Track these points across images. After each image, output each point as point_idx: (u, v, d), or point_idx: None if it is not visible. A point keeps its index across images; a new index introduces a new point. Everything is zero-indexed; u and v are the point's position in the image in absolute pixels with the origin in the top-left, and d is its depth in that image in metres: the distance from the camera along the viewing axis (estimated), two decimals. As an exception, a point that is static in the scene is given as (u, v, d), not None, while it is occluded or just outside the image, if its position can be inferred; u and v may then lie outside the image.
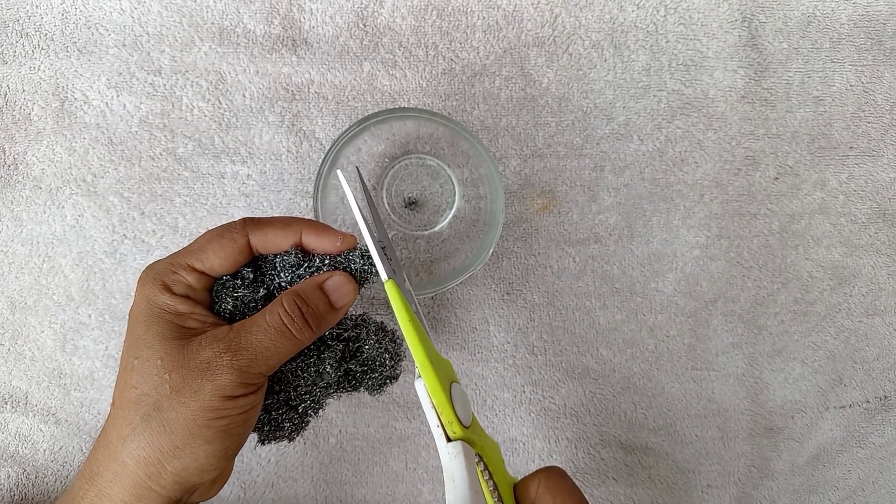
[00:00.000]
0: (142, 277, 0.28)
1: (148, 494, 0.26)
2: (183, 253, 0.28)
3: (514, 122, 0.42)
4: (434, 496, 0.43)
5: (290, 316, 0.27)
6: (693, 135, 0.43)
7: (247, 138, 0.41)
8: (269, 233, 0.29)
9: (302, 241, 0.29)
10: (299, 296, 0.28)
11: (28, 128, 0.41)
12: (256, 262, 0.30)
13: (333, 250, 0.29)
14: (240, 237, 0.28)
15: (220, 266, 0.28)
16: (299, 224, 0.29)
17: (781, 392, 0.44)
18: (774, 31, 0.44)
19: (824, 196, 0.44)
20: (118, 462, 0.26)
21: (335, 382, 0.32)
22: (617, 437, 0.44)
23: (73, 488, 0.27)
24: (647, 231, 0.43)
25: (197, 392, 0.25)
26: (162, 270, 0.28)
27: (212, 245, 0.28)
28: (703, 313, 0.44)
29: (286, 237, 0.29)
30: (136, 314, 0.28)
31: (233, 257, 0.28)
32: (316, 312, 0.28)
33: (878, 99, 0.44)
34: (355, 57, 0.42)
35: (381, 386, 0.33)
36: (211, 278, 0.29)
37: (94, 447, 0.28)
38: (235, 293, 0.29)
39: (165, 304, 0.27)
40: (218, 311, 0.29)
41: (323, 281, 0.29)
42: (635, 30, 0.43)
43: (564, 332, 0.43)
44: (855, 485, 0.46)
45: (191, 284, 0.28)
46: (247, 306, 0.29)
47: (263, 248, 0.29)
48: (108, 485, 0.26)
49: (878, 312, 0.45)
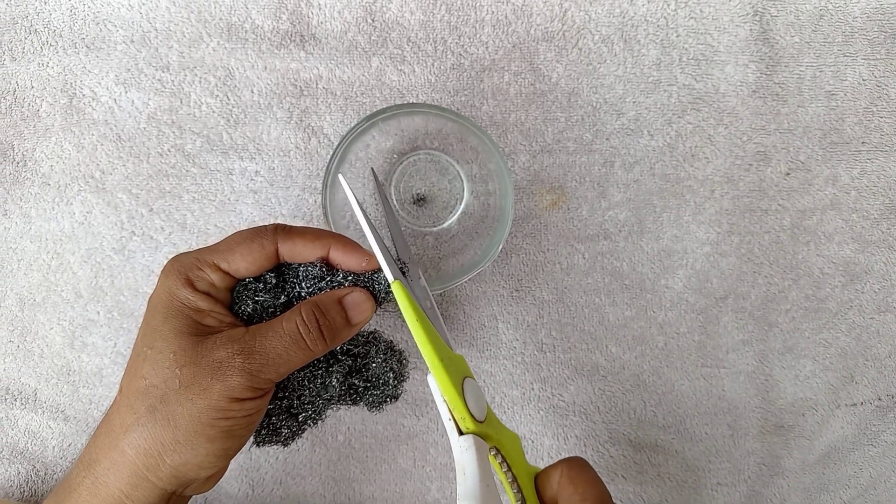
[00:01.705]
0: (166, 268, 0.28)
1: (144, 485, 0.26)
2: (210, 250, 0.28)
3: (523, 117, 0.42)
4: (442, 494, 0.43)
5: (306, 326, 0.27)
6: (704, 130, 0.43)
7: (255, 134, 0.41)
8: (299, 243, 0.29)
9: (329, 255, 0.30)
10: (318, 307, 0.28)
11: (37, 124, 0.41)
12: (280, 269, 0.30)
13: (358, 268, 0.30)
14: (269, 244, 0.29)
15: (246, 269, 0.28)
16: (328, 238, 0.29)
17: (792, 389, 0.44)
18: (786, 25, 0.43)
19: (836, 192, 0.44)
20: (118, 450, 0.26)
21: (337, 395, 0.32)
22: (626, 435, 0.44)
23: (70, 475, 0.28)
24: (657, 227, 0.43)
25: (206, 390, 0.25)
26: (188, 265, 0.28)
27: (241, 248, 0.28)
28: (714, 310, 0.43)
29: (314, 249, 0.29)
30: (155, 304, 0.28)
31: (259, 262, 0.29)
32: (332, 325, 0.28)
33: (892, 93, 0.44)
34: (363, 52, 0.42)
35: (381, 403, 0.33)
36: (234, 279, 0.29)
37: (96, 434, 0.28)
38: (256, 297, 0.29)
39: (187, 298, 0.27)
40: (237, 312, 0.29)
41: (343, 296, 0.29)
42: (645, 24, 0.43)
43: (573, 328, 0.43)
44: (867, 483, 0.45)
45: (214, 283, 0.28)
46: (266, 311, 0.29)
47: (290, 256, 0.29)
48: (105, 472, 0.26)
49: (891, 309, 0.44)
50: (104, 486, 0.26)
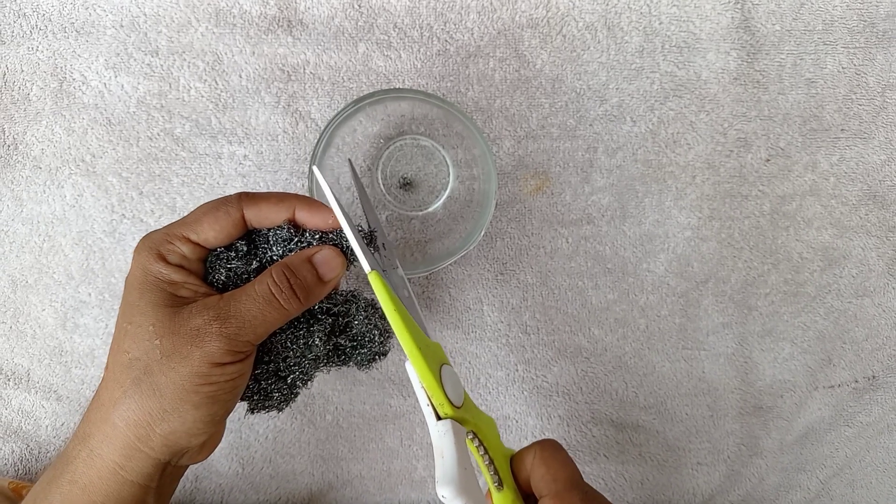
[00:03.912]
0: (138, 247, 0.29)
1: (137, 455, 0.27)
2: (179, 224, 0.29)
3: (507, 103, 0.43)
4: (428, 472, 0.44)
5: (278, 286, 0.28)
6: (685, 116, 0.44)
7: (243, 119, 0.42)
8: (263, 207, 0.29)
9: (295, 216, 0.30)
10: (288, 267, 0.29)
11: (27, 108, 0.42)
12: (250, 235, 0.31)
13: (325, 226, 0.30)
14: (234, 210, 0.29)
15: (215, 238, 0.29)
16: (293, 199, 0.30)
17: (771, 371, 0.45)
18: (767, 13, 0.44)
19: (815, 178, 0.45)
20: (109, 424, 0.27)
21: (324, 356, 0.33)
22: (608, 415, 0.45)
23: (66, 449, 0.28)
24: (640, 212, 0.44)
25: (186, 358, 0.26)
26: (158, 240, 0.28)
27: (207, 217, 0.29)
28: (694, 293, 0.44)
29: (280, 212, 0.30)
30: (131, 282, 0.28)
31: (227, 230, 0.29)
32: (304, 284, 0.29)
33: (870, 81, 0.45)
34: (350, 38, 0.42)
35: (370, 361, 0.34)
36: (205, 250, 0.29)
37: (88, 409, 0.29)
38: (229, 265, 0.29)
39: (160, 272, 0.28)
40: (211, 282, 0.30)
41: (312, 254, 0.30)
42: (629, 11, 0.43)
43: (557, 311, 0.44)
44: (842, 462, 0.46)
45: (185, 255, 0.29)
46: (239, 277, 0.30)
47: (257, 222, 0.30)
48: (99, 445, 0.27)
49: (868, 293, 0.45)
50: (99, 458, 0.27)
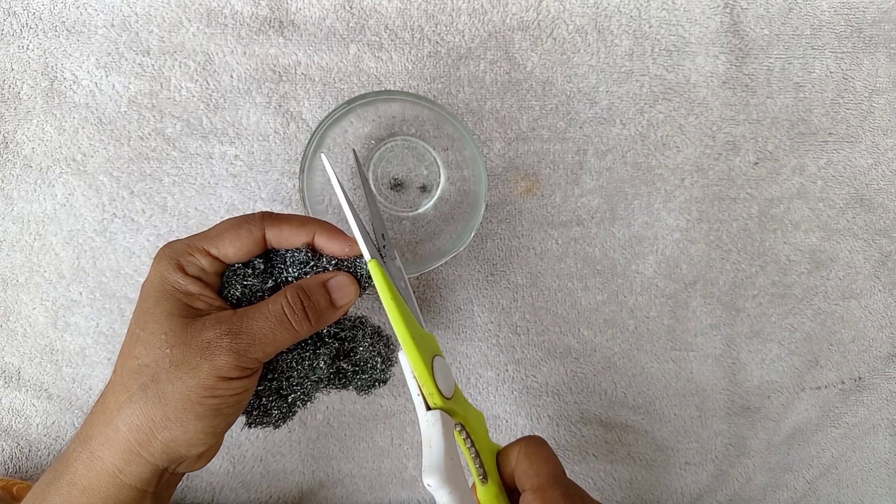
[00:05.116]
0: (158, 254, 0.29)
1: (136, 460, 0.27)
2: (201, 237, 0.30)
3: (498, 105, 0.43)
4: (419, 471, 0.44)
5: (291, 307, 0.29)
6: (675, 119, 0.44)
7: (234, 119, 0.42)
8: (285, 229, 0.30)
9: (314, 241, 0.31)
10: (303, 289, 0.29)
11: (18, 107, 0.42)
12: (268, 254, 0.31)
13: (342, 254, 0.31)
14: (256, 230, 0.30)
15: (234, 254, 0.30)
16: (314, 225, 0.31)
17: (758, 372, 0.46)
18: (756, 18, 0.44)
19: (803, 181, 0.45)
20: (112, 427, 0.27)
21: (326, 378, 0.33)
22: (597, 415, 0.45)
23: (67, 451, 0.29)
24: (629, 214, 0.44)
25: (195, 369, 0.27)
26: (179, 250, 0.29)
27: (229, 233, 0.29)
28: (683, 295, 0.45)
29: (300, 235, 0.30)
30: (148, 288, 0.29)
31: (247, 248, 0.30)
32: (316, 307, 0.29)
33: (857, 86, 0.45)
34: (341, 39, 0.42)
35: (370, 387, 0.34)
36: (224, 264, 0.30)
37: (92, 411, 0.29)
38: (245, 281, 0.30)
39: (177, 282, 0.28)
40: (226, 297, 0.30)
41: (327, 279, 0.30)
42: (619, 14, 0.43)
43: (547, 312, 0.44)
44: (829, 463, 0.47)
45: (204, 267, 0.29)
46: (254, 295, 0.30)
47: (277, 242, 0.31)
48: (100, 448, 0.27)
49: (855, 295, 0.46)
50: (99, 461, 0.27)
